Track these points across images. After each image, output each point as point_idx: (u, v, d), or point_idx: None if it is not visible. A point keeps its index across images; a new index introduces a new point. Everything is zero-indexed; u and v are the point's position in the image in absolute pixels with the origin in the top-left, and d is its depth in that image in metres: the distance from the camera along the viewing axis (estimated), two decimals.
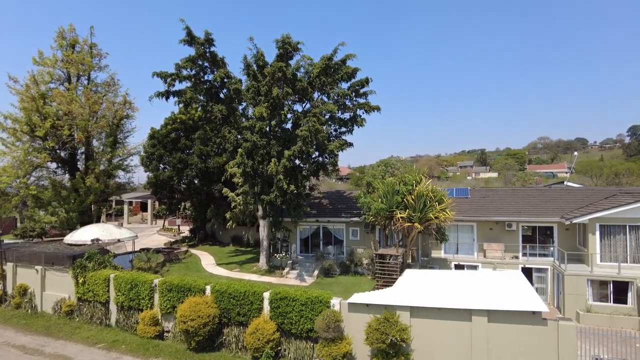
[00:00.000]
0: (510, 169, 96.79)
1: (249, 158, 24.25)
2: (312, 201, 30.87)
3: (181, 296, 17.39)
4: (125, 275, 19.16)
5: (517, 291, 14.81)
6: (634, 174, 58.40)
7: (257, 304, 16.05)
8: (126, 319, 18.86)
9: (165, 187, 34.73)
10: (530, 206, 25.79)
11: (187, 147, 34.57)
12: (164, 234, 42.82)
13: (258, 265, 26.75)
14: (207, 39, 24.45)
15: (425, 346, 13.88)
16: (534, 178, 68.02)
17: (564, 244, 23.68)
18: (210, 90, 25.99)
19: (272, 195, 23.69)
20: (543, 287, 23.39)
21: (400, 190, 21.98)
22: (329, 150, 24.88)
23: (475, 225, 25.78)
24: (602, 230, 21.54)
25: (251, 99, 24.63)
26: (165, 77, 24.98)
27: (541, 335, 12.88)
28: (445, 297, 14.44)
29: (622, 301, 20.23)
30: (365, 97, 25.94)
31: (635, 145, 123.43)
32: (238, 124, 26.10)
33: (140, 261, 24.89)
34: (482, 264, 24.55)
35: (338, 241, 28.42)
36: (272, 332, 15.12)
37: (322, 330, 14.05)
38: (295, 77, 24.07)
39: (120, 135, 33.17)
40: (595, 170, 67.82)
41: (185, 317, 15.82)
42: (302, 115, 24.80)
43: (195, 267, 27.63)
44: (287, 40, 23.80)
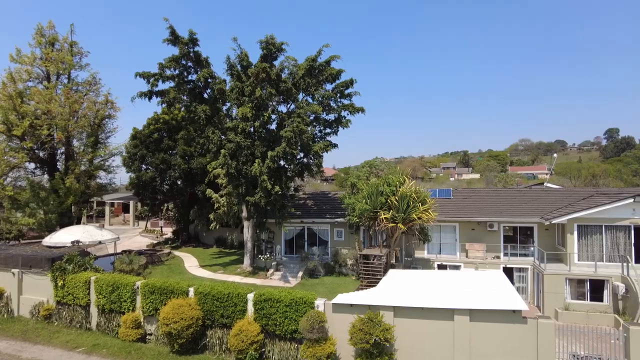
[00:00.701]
0: (492, 170, 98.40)
1: (233, 159, 24.12)
2: (297, 202, 30.86)
3: (164, 298, 17.17)
4: (107, 278, 18.82)
5: (498, 290, 15.09)
6: (610, 175, 60.03)
7: (241, 305, 15.96)
8: (107, 322, 18.52)
9: (147, 188, 34.26)
10: (511, 207, 26.28)
11: (170, 148, 34.18)
12: (146, 236, 42.22)
13: (242, 267, 26.60)
14: (191, 38, 24.25)
15: (408, 345, 14.02)
16: (515, 179, 69.32)
17: (543, 243, 24.21)
18: (194, 91, 25.77)
19: (257, 196, 23.61)
20: (524, 286, 23.85)
21: (384, 191, 22.15)
22: (314, 151, 24.92)
23: (457, 225, 26.14)
24: (580, 230, 22.09)
25: (235, 99, 24.51)
26: (148, 77, 24.68)
27: (521, 333, 13.15)
28: (428, 296, 14.62)
29: (598, 299, 20.78)
30: (349, 98, 26.09)
31: (611, 147, 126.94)
32: (222, 124, 25.94)
33: (122, 263, 24.51)
34: (465, 264, 24.91)
35: (323, 242, 28.46)
36: (256, 334, 15.05)
37: (306, 331, 14.05)
38: (279, 78, 24.05)
39: (102, 135, 32.62)
40: (574, 172, 69.45)
41: (168, 319, 15.62)
42: (286, 116, 24.80)
43: (178, 269, 27.32)
44: (271, 41, 23.78)
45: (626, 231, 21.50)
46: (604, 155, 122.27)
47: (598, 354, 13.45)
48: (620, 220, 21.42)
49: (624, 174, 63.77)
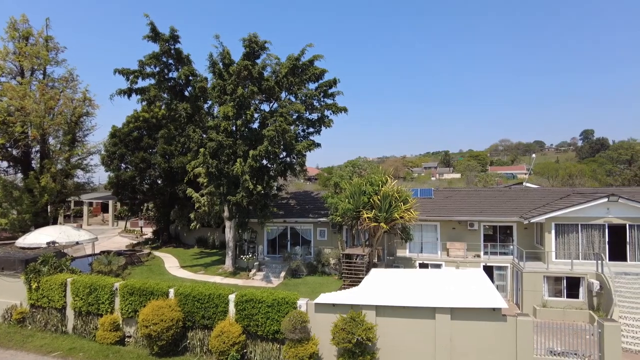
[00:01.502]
0: (473, 170, 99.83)
1: (214, 158, 23.83)
2: (280, 202, 30.71)
3: (143, 300, 16.84)
4: (84, 279, 18.34)
5: (479, 289, 15.29)
6: (586, 175, 61.67)
7: (223, 306, 15.77)
8: (84, 325, 18.05)
9: (127, 188, 33.59)
10: (491, 206, 26.70)
11: (150, 146, 33.59)
12: (125, 236, 41.45)
13: (224, 267, 26.32)
14: (172, 35, 23.87)
15: (390, 344, 14.08)
16: (495, 179, 70.57)
17: (522, 242, 24.66)
18: (174, 88, 25.37)
19: (239, 196, 23.38)
20: (503, 285, 24.25)
21: (367, 190, 22.22)
22: (297, 150, 24.83)
23: (438, 224, 26.43)
24: (557, 229, 22.59)
25: (217, 97, 24.21)
26: (128, 74, 24.19)
27: (501, 330, 13.36)
28: (410, 295, 14.71)
29: (574, 296, 21.28)
30: (332, 98, 26.10)
31: (586, 148, 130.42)
32: (203, 122, 25.61)
33: (100, 264, 23.96)
34: (446, 262, 25.20)
35: (306, 242, 28.39)
36: (238, 335, 14.90)
37: (288, 332, 13.98)
38: (261, 76, 23.87)
39: (80, 133, 31.81)
40: (552, 172, 71.09)
41: (147, 321, 15.33)
42: (269, 115, 24.63)
43: (158, 269, 26.87)
44: (253, 39, 23.58)
45: (601, 230, 22.08)
46: (580, 156, 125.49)
47: (574, 350, 13.76)
48: (595, 219, 21.99)
49: (598, 174, 65.53)
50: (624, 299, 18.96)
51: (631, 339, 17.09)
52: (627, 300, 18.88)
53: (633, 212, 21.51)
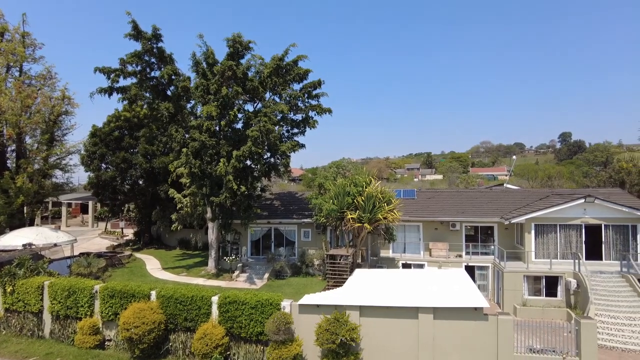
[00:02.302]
0: (455, 171, 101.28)
1: (197, 158, 23.58)
2: (264, 202, 30.57)
3: (124, 302, 16.55)
4: (62, 282, 17.91)
5: (461, 288, 15.51)
6: (564, 177, 63.08)
7: (205, 308, 15.62)
8: (62, 329, 17.62)
9: (107, 188, 32.96)
10: (472, 207, 27.10)
11: (132, 146, 33.03)
12: (106, 237, 40.65)
13: (207, 269, 26.05)
14: (155, 34, 23.56)
15: (374, 344, 14.15)
16: (476, 180, 71.69)
17: (503, 242, 25.11)
18: (157, 88, 25.03)
19: (222, 197, 23.19)
20: (485, 284, 24.64)
21: (351, 191, 22.30)
22: (281, 151, 24.76)
23: (421, 225, 26.70)
24: (537, 229, 23.08)
25: (200, 97, 23.97)
26: (109, 72, 23.77)
27: (482, 329, 13.58)
28: (393, 295, 14.82)
29: (553, 294, 21.76)
30: (317, 99, 26.12)
31: (564, 150, 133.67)
32: (186, 122, 25.33)
33: (79, 266, 23.42)
34: (428, 262, 25.46)
35: (290, 242, 28.32)
36: (221, 337, 14.78)
37: (272, 333, 13.93)
38: (245, 77, 23.74)
39: (58, 133, 31.04)
40: (531, 173, 72.55)
41: (128, 324, 15.07)
42: (253, 115, 24.49)
43: (140, 271, 26.44)
44: (237, 39, 23.45)
45: (578, 230, 22.66)
46: (558, 158, 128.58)
47: (552, 347, 14.08)
48: (572, 219, 22.55)
49: (575, 175, 67.22)
50: (599, 296, 19.49)
51: (606, 335, 17.56)
52: (602, 298, 19.41)
53: (608, 212, 22.13)
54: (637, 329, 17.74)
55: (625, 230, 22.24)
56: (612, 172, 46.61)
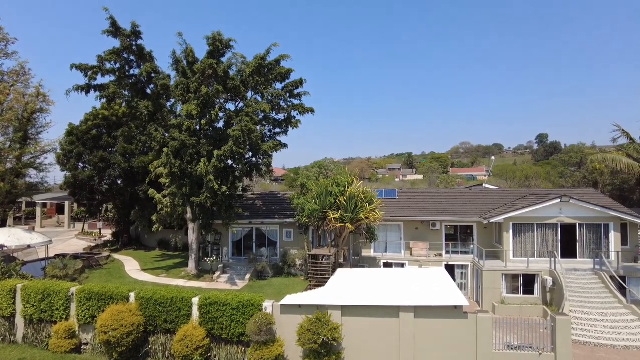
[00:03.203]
0: (435, 171, 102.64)
1: (177, 158, 23.25)
2: (245, 203, 30.36)
3: (102, 305, 16.19)
4: (36, 285, 17.39)
5: (441, 287, 15.72)
6: (541, 177, 64.63)
7: (186, 310, 15.42)
8: (36, 333, 17.10)
9: (85, 188, 32.20)
10: (452, 207, 27.51)
11: (110, 145, 32.36)
12: (83, 238, 39.68)
13: (187, 270, 25.73)
14: (134, 31, 23.16)
15: (356, 344, 14.22)
16: (456, 180, 72.92)
17: (482, 241, 25.56)
18: (136, 86, 24.59)
19: (202, 197, 22.92)
20: (464, 283, 25.03)
21: (333, 191, 22.36)
22: (263, 150, 24.64)
23: (402, 224, 26.97)
24: (515, 228, 23.59)
25: (180, 96, 23.66)
26: (86, 69, 23.24)
27: (462, 327, 13.79)
28: (374, 295, 14.93)
29: (530, 292, 22.28)
30: (299, 98, 26.10)
31: (541, 151, 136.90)
32: (166, 121, 24.96)
33: (54, 268, 22.77)
34: (409, 261, 25.73)
35: (272, 243, 28.20)
36: (202, 339, 14.62)
37: (253, 334, 13.85)
38: (227, 75, 23.53)
39: (32, 131, 30.10)
40: (509, 174, 74.06)
41: (106, 327, 14.75)
42: (234, 115, 24.30)
43: (118, 273, 25.92)
44: (218, 37, 23.25)
45: (554, 229, 23.26)
46: (535, 159, 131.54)
47: (529, 343, 14.42)
48: (549, 219, 23.13)
49: (552, 175, 68.92)
50: (573, 293, 20.05)
51: (580, 331, 18.08)
52: (577, 295, 19.98)
53: (582, 212, 22.78)
54: (608, 324, 18.33)
55: (598, 229, 22.92)
56: (586, 172, 47.98)
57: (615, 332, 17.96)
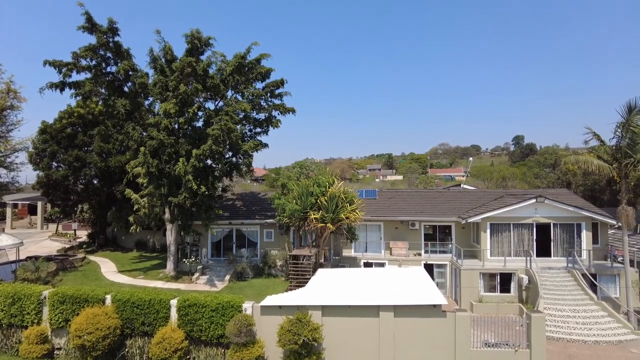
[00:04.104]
0: (414, 172, 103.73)
1: (155, 157, 22.82)
2: (225, 203, 30.06)
3: (77, 308, 15.80)
4: (6, 288, 16.83)
5: (420, 286, 15.92)
6: (517, 178, 66.12)
7: (164, 312, 15.19)
8: (5, 339, 16.55)
9: (59, 188, 31.28)
10: (431, 207, 27.89)
11: (86, 144, 31.54)
12: (57, 240, 38.54)
13: (165, 272, 25.30)
14: (111, 27, 22.59)
15: (336, 344, 14.26)
16: (435, 181, 73.92)
17: (460, 241, 25.99)
18: (113, 83, 24.02)
19: (181, 197, 22.53)
20: (443, 282, 25.40)
21: (314, 191, 22.37)
22: (243, 150, 24.43)
23: (382, 224, 27.19)
24: (492, 228, 24.07)
25: (158, 94, 23.23)
26: (60, 66, 22.55)
27: (441, 326, 14.00)
28: (355, 294, 15.00)
29: (506, 290, 22.78)
30: (280, 98, 25.99)
31: (517, 153, 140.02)
32: (143, 120, 24.48)
33: (25, 271, 22.07)
34: (389, 261, 25.96)
35: (252, 243, 28.01)
36: (180, 341, 14.43)
37: (233, 336, 13.74)
38: (206, 74, 23.24)
39: (3, 128, 29.11)
40: (487, 175, 75.54)
41: (81, 330, 14.41)
42: (214, 114, 24.00)
43: (94, 275, 25.30)
44: (196, 35, 22.96)
45: (530, 228, 23.84)
46: (512, 160, 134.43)
47: (506, 340, 14.75)
48: (525, 218, 23.69)
49: (528, 176, 70.52)
50: (548, 291, 20.60)
51: (553, 327, 18.59)
52: (551, 293, 20.53)
53: (556, 212, 23.42)
54: (580, 321, 18.91)
55: (571, 228, 23.60)
56: (560, 173, 49.40)
57: (587, 327, 18.54)
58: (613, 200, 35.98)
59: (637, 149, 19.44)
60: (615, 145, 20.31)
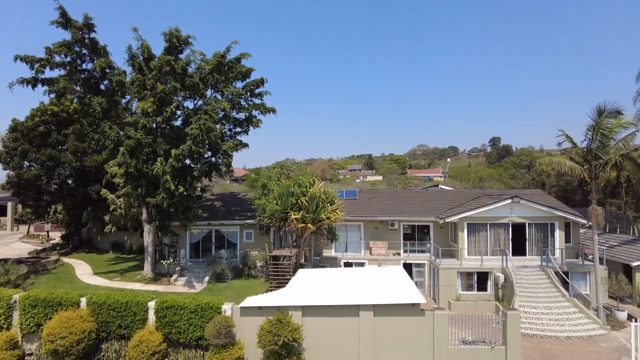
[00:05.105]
0: (393, 172, 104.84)
1: (133, 157, 22.40)
2: (204, 203, 29.72)
3: (49, 312, 15.36)
4: None
5: (399, 285, 16.10)
6: (494, 178, 67.65)
7: (141, 314, 14.93)
8: None
9: (30, 188, 30.33)
10: (410, 207, 28.24)
11: (60, 143, 30.68)
12: (28, 242, 37.42)
13: (142, 273, 24.85)
14: (87, 23, 22.11)
15: (316, 344, 14.29)
16: (414, 181, 74.96)
17: (439, 240, 26.39)
18: (88, 81, 23.48)
19: (159, 198, 22.15)
20: (422, 281, 25.74)
21: (295, 192, 22.35)
22: (223, 150, 24.20)
23: (362, 224, 27.37)
24: (469, 227, 24.52)
25: (136, 92, 22.81)
26: (33, 62, 21.93)
27: (420, 324, 14.20)
28: (335, 294, 15.06)
29: (483, 289, 23.24)
30: (260, 97, 25.86)
31: (494, 154, 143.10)
32: (121, 119, 23.99)
33: None
34: (369, 260, 26.14)
35: (231, 244, 27.77)
36: (158, 344, 14.20)
37: (212, 337, 13.61)
38: (185, 72, 22.95)
39: None
40: (464, 175, 76.99)
41: (54, 335, 14.02)
42: (192, 113, 23.71)
43: (68, 277, 24.62)
44: (175, 34, 22.71)
45: (506, 228, 24.39)
46: (489, 161, 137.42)
47: (482, 338, 15.06)
48: (501, 218, 24.23)
49: (504, 177, 72.21)
50: (523, 289, 21.12)
51: (528, 324, 19.09)
52: (526, 291, 21.06)
53: (531, 212, 24.03)
54: (553, 317, 19.47)
55: (545, 228, 24.26)
56: (535, 174, 50.73)
57: (559, 324, 19.11)
58: (584, 201, 37.22)
59: (607, 150, 20.14)
60: (586, 147, 20.99)
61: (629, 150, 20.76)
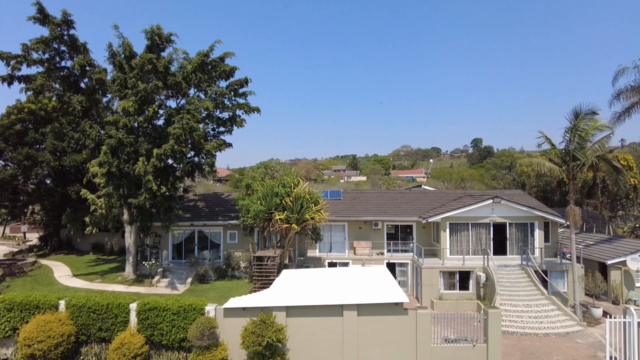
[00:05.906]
0: (377, 173, 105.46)
1: (114, 156, 22.01)
2: (187, 204, 29.40)
3: (26, 315, 14.97)
4: None
5: (383, 285, 16.22)
6: (475, 179, 68.71)
7: (123, 316, 14.68)
8: None
9: (6, 188, 29.46)
10: (393, 207, 28.47)
11: (38, 142, 29.89)
12: (4, 243, 36.38)
13: (124, 275, 24.43)
14: (65, 20, 21.64)
15: (300, 344, 14.28)
16: (397, 182, 75.55)
17: (421, 240, 26.68)
18: (68, 79, 22.99)
19: (141, 198, 21.81)
20: (405, 280, 25.98)
21: (279, 192, 22.29)
22: (206, 150, 23.96)
23: (346, 224, 27.48)
24: (451, 227, 24.86)
25: (117, 91, 22.42)
26: (8, 58, 21.37)
27: (403, 323, 14.33)
28: (319, 294, 15.09)
29: (465, 288, 23.58)
30: (244, 97, 25.71)
31: (476, 155, 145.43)
32: (101, 117, 23.55)
33: None
34: (353, 260, 26.26)
35: (215, 245, 27.54)
36: (140, 346, 13.98)
37: (196, 339, 13.48)
38: (167, 71, 22.68)
39: None
40: (446, 176, 78.00)
41: (30, 339, 13.67)
42: (175, 112, 23.43)
43: (46, 279, 24.04)
44: (157, 32, 22.44)
45: (487, 228, 24.80)
46: (471, 162, 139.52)
47: (464, 336, 15.28)
48: (482, 218, 24.64)
49: (485, 177, 73.48)
50: (503, 288, 21.52)
51: (509, 322, 19.45)
52: (506, 289, 21.47)
53: (512, 212, 24.50)
54: (532, 315, 19.89)
55: (525, 227, 24.77)
56: (516, 175, 51.70)
57: (538, 321, 19.53)
58: (563, 201, 38.13)
59: (584, 152, 20.68)
60: (565, 148, 21.51)
61: (604, 152, 21.33)
